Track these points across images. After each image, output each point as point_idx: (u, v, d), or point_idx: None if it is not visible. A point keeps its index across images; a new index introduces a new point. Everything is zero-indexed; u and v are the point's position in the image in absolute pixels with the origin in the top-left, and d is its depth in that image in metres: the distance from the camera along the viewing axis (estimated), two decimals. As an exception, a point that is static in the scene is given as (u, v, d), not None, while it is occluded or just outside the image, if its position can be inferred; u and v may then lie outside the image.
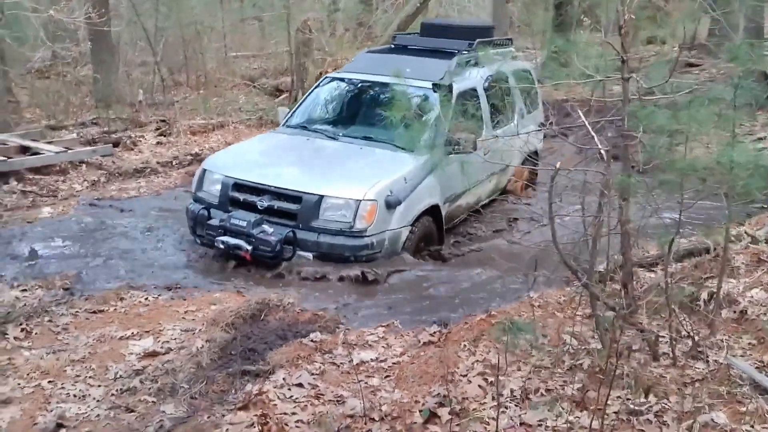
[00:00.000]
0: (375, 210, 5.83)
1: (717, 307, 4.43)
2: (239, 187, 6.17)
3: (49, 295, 5.27)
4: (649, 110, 3.89)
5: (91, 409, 3.94)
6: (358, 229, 5.82)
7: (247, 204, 6.09)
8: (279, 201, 6.01)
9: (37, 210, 7.45)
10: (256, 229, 5.80)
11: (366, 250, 5.85)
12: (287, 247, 5.85)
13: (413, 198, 6.14)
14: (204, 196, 6.39)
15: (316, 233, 5.85)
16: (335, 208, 5.88)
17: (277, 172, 6.23)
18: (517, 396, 4.08)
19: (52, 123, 11.25)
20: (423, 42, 7.80)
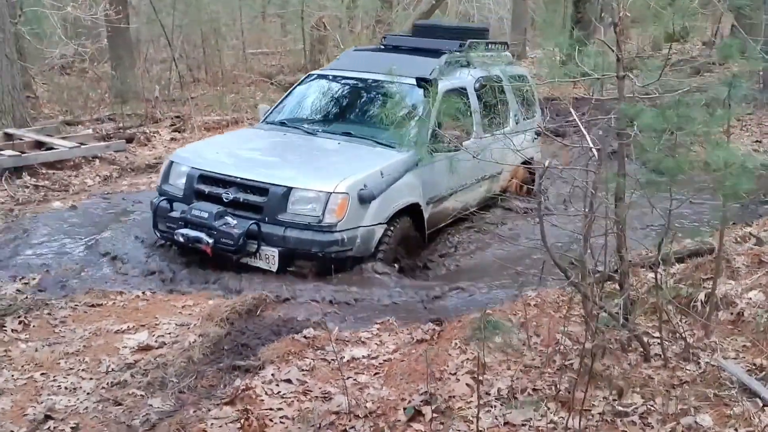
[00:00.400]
0: (346, 204, 5.56)
1: (711, 309, 4.36)
2: (204, 179, 5.93)
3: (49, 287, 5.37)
4: (638, 108, 3.84)
5: (80, 401, 3.99)
6: (328, 224, 5.54)
7: (212, 196, 5.84)
8: (245, 193, 5.75)
9: (47, 204, 7.57)
10: (218, 222, 5.53)
11: (335, 246, 5.57)
12: (251, 241, 5.57)
13: (390, 193, 5.87)
14: (169, 189, 6.17)
15: (283, 227, 5.58)
16: (304, 201, 5.62)
17: (245, 164, 6.06)
18: (504, 395, 4.06)
19: (68, 118, 11.41)
20: (414, 42, 7.67)
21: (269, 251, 5.60)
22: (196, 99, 13.34)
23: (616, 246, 4.47)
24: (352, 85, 7.21)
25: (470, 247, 6.83)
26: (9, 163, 8.25)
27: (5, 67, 9.41)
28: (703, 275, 5.05)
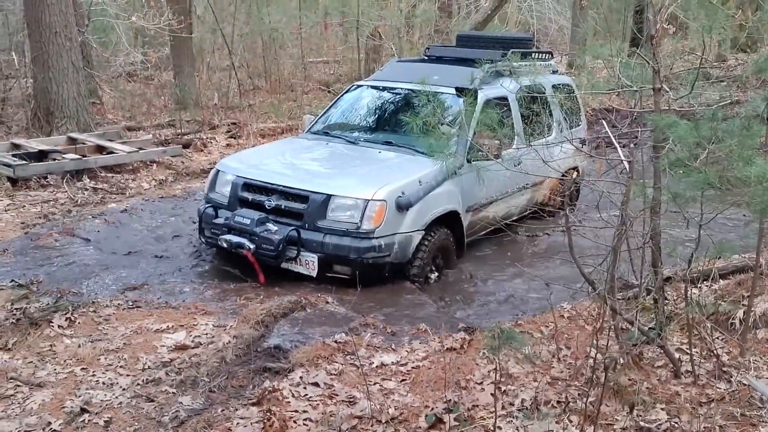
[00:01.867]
0: (384, 211, 5.65)
1: (747, 327, 4.24)
2: (248, 186, 6.11)
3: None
4: (671, 120, 3.78)
5: (116, 396, 4.17)
6: (365, 231, 5.64)
7: (255, 203, 6.01)
8: (286, 200, 5.89)
9: (104, 206, 7.90)
10: (259, 228, 5.70)
11: (373, 252, 5.66)
12: (291, 247, 5.71)
13: (428, 201, 5.94)
14: (215, 197, 6.38)
15: (322, 233, 5.70)
16: (343, 208, 5.73)
17: (287, 172, 6.21)
18: (527, 406, 4.04)
19: (131, 124, 11.86)
20: (457, 52, 7.72)
21: (309, 257, 5.73)
22: (254, 106, 13.66)
23: (651, 260, 4.41)
24: (394, 95, 7.30)
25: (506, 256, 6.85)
26: (71, 166, 8.64)
27: (71, 75, 9.87)
28: (745, 292, 4.90)
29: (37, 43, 9.79)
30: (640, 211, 4.20)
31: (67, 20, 9.83)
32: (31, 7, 9.71)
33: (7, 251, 6.46)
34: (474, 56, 6.74)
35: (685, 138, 3.76)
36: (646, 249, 4.30)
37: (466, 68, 6.74)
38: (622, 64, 4.88)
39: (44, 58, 9.74)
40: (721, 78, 10.89)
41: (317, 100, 14.94)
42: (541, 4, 17.62)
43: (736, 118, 4.05)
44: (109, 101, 13.39)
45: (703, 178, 3.45)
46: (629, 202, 4.07)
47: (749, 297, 4.34)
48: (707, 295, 5.17)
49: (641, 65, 4.46)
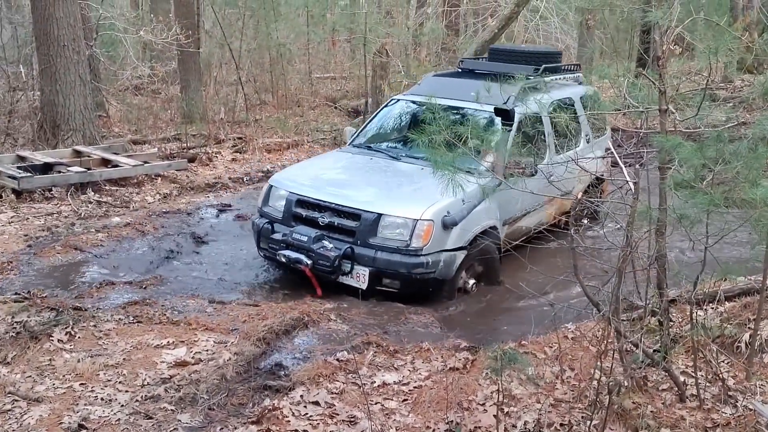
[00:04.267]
0: (431, 230, 5.92)
1: (753, 350, 4.19)
2: (302, 203, 6.38)
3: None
4: (676, 141, 3.75)
5: (114, 413, 4.13)
6: (414, 248, 5.92)
7: (309, 220, 6.29)
8: (339, 218, 6.17)
9: (107, 219, 7.89)
10: (316, 245, 5.99)
11: (421, 268, 5.93)
12: (346, 262, 5.99)
13: (470, 219, 6.18)
14: (269, 211, 6.63)
15: (374, 250, 5.97)
16: (393, 226, 6.01)
17: (339, 190, 6.43)
18: (530, 429, 3.99)
19: (137, 137, 11.88)
20: (489, 66, 7.80)
21: (361, 270, 6.01)
22: (261, 121, 13.68)
23: (657, 281, 4.36)
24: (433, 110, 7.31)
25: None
26: (75, 178, 8.64)
27: (78, 87, 9.91)
28: (751, 315, 4.84)
29: (45, 56, 9.84)
30: (645, 232, 4.16)
31: (75, 34, 9.88)
32: (40, 21, 9.77)
33: (11, 264, 6.44)
34: (507, 70, 6.84)
35: (690, 159, 3.73)
36: (651, 270, 4.27)
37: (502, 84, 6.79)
38: (629, 85, 4.86)
39: (52, 70, 9.78)
40: (727, 99, 10.87)
41: (324, 116, 14.97)
42: (547, 24, 17.65)
43: (743, 140, 4.02)
44: (116, 114, 13.42)
45: (708, 200, 3.42)
46: (634, 223, 4.03)
47: (755, 320, 4.28)
48: (713, 317, 5.12)
49: (648, 86, 4.44)
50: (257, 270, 6.98)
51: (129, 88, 15.28)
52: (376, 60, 13.25)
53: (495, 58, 8.25)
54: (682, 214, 3.62)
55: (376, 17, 15.99)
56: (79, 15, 10.18)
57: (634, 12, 11.49)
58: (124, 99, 14.26)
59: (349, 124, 13.80)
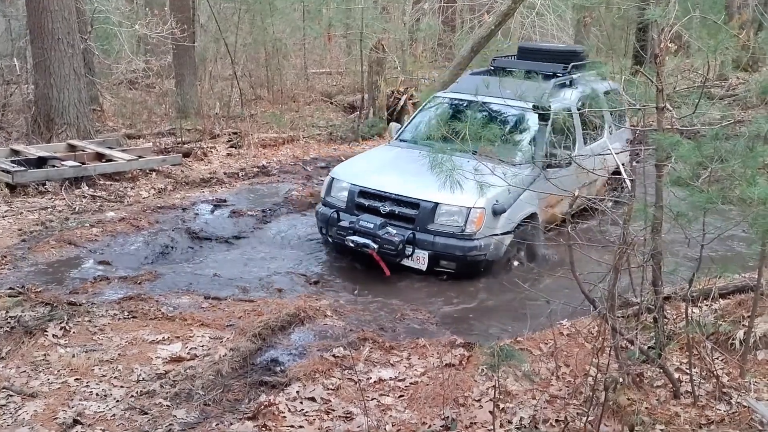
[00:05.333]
0: (483, 216, 6.48)
1: (747, 348, 4.20)
2: (364, 194, 6.95)
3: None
4: (674, 139, 3.75)
5: (109, 408, 4.12)
6: (469, 233, 6.50)
7: (371, 209, 6.84)
8: (399, 207, 6.73)
9: (102, 214, 7.86)
10: (381, 231, 6.52)
11: (475, 251, 6.50)
12: (408, 246, 6.51)
13: (516, 207, 6.70)
14: (332, 201, 7.18)
15: (432, 235, 6.54)
16: (449, 213, 6.58)
17: (397, 181, 6.93)
18: (526, 425, 4.00)
19: (131, 132, 11.82)
20: (520, 65, 8.00)
21: (421, 254, 6.57)
22: (256, 116, 13.62)
23: (652, 279, 4.37)
24: (473, 107, 7.48)
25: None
26: (70, 173, 8.60)
27: (72, 81, 9.85)
28: (745, 312, 4.86)
29: (39, 49, 9.77)
30: (642, 230, 4.17)
31: (69, 27, 9.82)
32: (34, 14, 9.70)
33: (5, 258, 6.41)
34: (537, 68, 7.32)
35: (688, 157, 3.73)
36: (647, 267, 4.28)
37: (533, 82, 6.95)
38: (626, 83, 4.87)
39: (46, 64, 9.72)
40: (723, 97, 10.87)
41: (319, 112, 14.93)
42: (544, 20, 17.63)
43: (739, 138, 4.03)
44: (110, 108, 13.34)
45: (705, 198, 3.42)
46: (631, 221, 4.04)
47: (750, 317, 4.30)
48: (707, 314, 5.13)
49: (645, 84, 4.45)
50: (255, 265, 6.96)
51: (123, 82, 15.19)
52: (373, 56, 13.21)
53: (524, 57, 8.62)
54: (678, 212, 3.62)
55: (372, 13, 15.94)
56: (73, 8, 10.11)
57: (631, 10, 11.48)
58: (118, 93, 14.19)
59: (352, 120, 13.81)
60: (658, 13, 4.36)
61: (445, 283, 6.57)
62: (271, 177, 10.27)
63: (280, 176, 10.31)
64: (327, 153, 11.92)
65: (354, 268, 6.93)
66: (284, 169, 10.69)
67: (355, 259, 6.93)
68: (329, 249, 7.41)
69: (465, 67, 13.40)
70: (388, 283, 6.56)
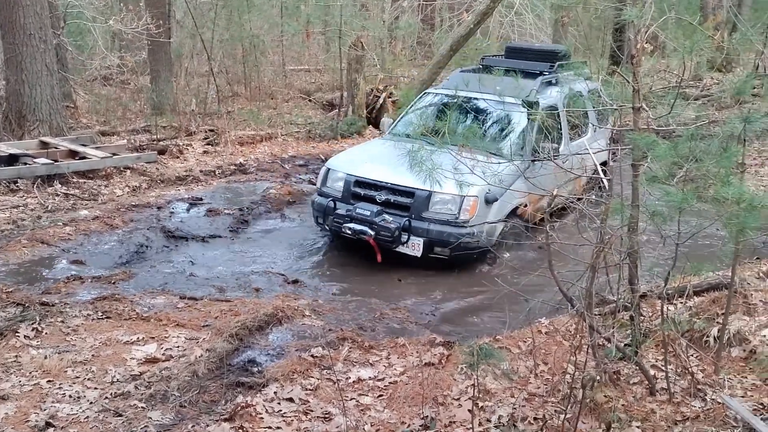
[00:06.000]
0: (476, 205, 6.72)
1: (721, 345, 4.24)
2: (360, 183, 7.13)
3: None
4: (651, 139, 3.77)
5: (83, 410, 4.05)
6: (462, 220, 6.72)
7: (367, 197, 7.02)
8: (395, 195, 6.93)
9: (75, 213, 7.73)
10: (378, 218, 6.72)
11: (468, 237, 6.70)
12: (404, 233, 6.71)
13: (506, 197, 6.88)
14: (328, 191, 7.35)
15: (427, 222, 6.74)
16: (443, 202, 6.77)
17: (392, 171, 6.99)
18: (505, 423, 4.00)
19: (105, 129, 11.66)
20: (508, 63, 8.28)
21: (416, 241, 6.76)
22: (233, 113, 13.51)
23: (629, 277, 4.39)
24: (464, 103, 7.82)
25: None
26: (42, 170, 8.46)
27: (45, 77, 9.69)
28: (719, 310, 4.90)
29: (10, 44, 9.59)
30: (618, 229, 4.18)
31: (42, 22, 9.66)
32: (6, 8, 9.52)
33: (-26, 257, 6.29)
34: (525, 67, 7.60)
35: (664, 157, 3.75)
36: (624, 265, 4.30)
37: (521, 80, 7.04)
38: (603, 83, 4.89)
39: (18, 60, 9.55)
40: (698, 97, 11.00)
41: (298, 109, 14.86)
42: (522, 20, 17.71)
43: (714, 139, 4.06)
44: (84, 105, 13.16)
45: (681, 198, 3.44)
46: (608, 220, 4.05)
47: (724, 315, 4.33)
48: (682, 311, 5.17)
49: (621, 84, 4.47)
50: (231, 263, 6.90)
51: (97, 79, 15.00)
52: (352, 53, 13.16)
53: (511, 56, 8.90)
54: (654, 211, 3.64)
55: (351, 10, 15.89)
56: (46, 3, 9.93)
57: (608, 10, 11.55)
58: (92, 89, 14.01)
59: (327, 118, 13.75)
60: (635, 14, 4.37)
61: (424, 281, 6.57)
62: (248, 175, 10.19)
63: (257, 174, 10.24)
64: (305, 151, 11.86)
65: (333, 267, 6.90)
66: (262, 167, 10.61)
67: (335, 257, 6.86)
68: (308, 248, 7.37)
69: (444, 66, 13.43)
70: (368, 282, 6.54)
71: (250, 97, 15.19)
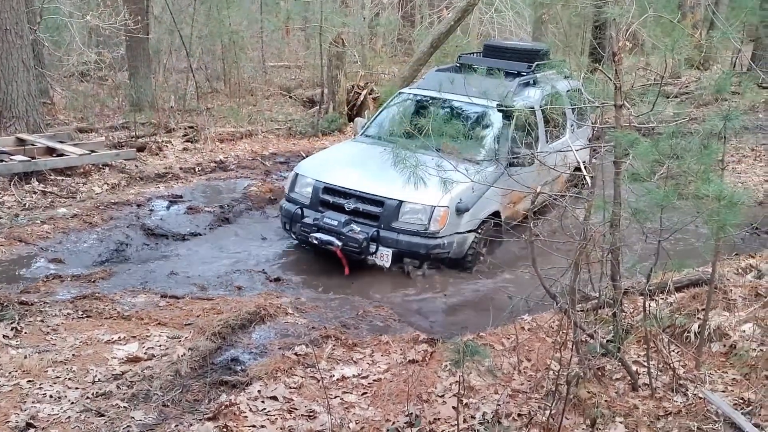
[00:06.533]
0: (447, 215, 6.52)
1: (702, 340, 4.29)
2: (329, 190, 6.91)
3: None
4: (632, 137, 3.80)
5: (64, 410, 4.00)
6: (432, 231, 6.52)
7: (335, 205, 6.81)
8: (364, 204, 6.71)
9: (53, 210, 7.63)
10: (345, 228, 6.51)
11: (438, 248, 6.54)
12: (372, 244, 6.51)
13: (479, 205, 6.76)
14: (296, 197, 7.12)
15: (396, 233, 6.55)
16: (413, 212, 6.59)
17: (362, 178, 6.91)
18: (489, 420, 4.01)
19: (83, 125, 11.51)
20: (485, 62, 8.05)
21: (384, 251, 6.57)
22: (212, 110, 13.41)
23: (611, 273, 4.42)
24: (439, 104, 7.66)
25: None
26: (19, 168, 8.32)
27: (21, 73, 9.53)
28: (699, 305, 4.96)
29: (-15, 40, 9.44)
30: (600, 225, 4.21)
31: (18, 17, 9.49)
32: (-19, 4, 9.36)
33: (-49, 256, 6.19)
34: (502, 66, 7.21)
35: (645, 155, 3.79)
36: (606, 262, 4.33)
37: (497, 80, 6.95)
38: (585, 80, 4.91)
39: (-7, 56, 9.40)
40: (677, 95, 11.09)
41: (278, 105, 14.78)
42: (502, 17, 17.76)
43: (694, 136, 4.10)
44: (61, 101, 12.98)
45: (662, 195, 3.47)
46: (591, 217, 4.08)
47: (705, 310, 4.38)
48: (663, 307, 5.23)
49: (603, 81, 4.49)
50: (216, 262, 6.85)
51: (75, 75, 14.78)
52: (332, 50, 13.11)
53: (489, 54, 8.69)
54: (636, 209, 3.67)
55: (331, 6, 15.82)
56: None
57: (587, 8, 11.62)
58: (69, 86, 13.82)
59: (308, 115, 13.69)
60: (617, 12, 4.41)
61: (407, 279, 6.57)
62: (228, 172, 10.12)
63: (238, 171, 10.17)
64: (286, 148, 11.80)
65: (315, 265, 6.88)
66: (242, 164, 10.55)
67: (317, 256, 6.86)
68: (290, 245, 7.34)
69: (425, 63, 13.44)
70: (351, 279, 6.53)
71: (230, 93, 15.08)
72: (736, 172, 9.85)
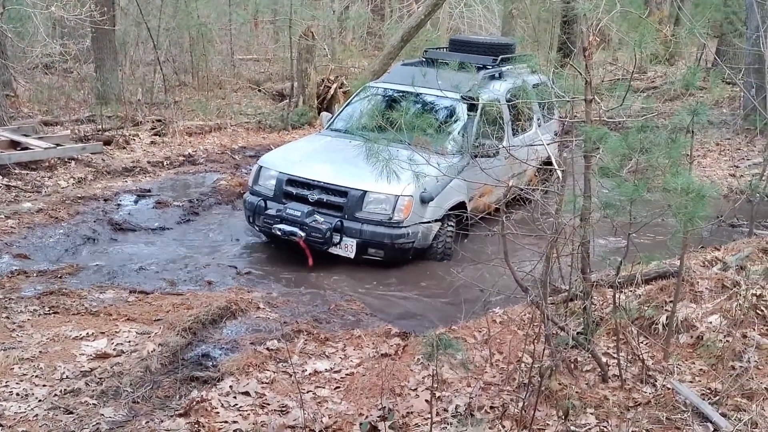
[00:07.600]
0: (411, 204, 6.56)
1: (670, 332, 4.37)
2: (292, 182, 6.91)
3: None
4: (603, 132, 3.84)
5: (31, 408, 3.93)
6: (396, 221, 6.57)
7: (299, 197, 6.81)
8: (328, 195, 6.73)
9: (17, 205, 7.48)
10: (308, 219, 6.52)
11: (402, 238, 6.58)
12: (336, 234, 6.51)
13: (444, 195, 6.80)
14: (260, 190, 7.10)
15: (360, 223, 6.56)
16: (377, 202, 6.62)
17: (326, 169, 6.92)
18: (461, 412, 4.03)
19: (48, 118, 11.30)
20: (451, 56, 8.01)
21: (349, 242, 6.58)
22: (180, 103, 13.26)
23: (581, 266, 4.47)
24: (404, 97, 7.54)
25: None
26: (-19, 162, 8.17)
27: (-17, 66, 9.34)
28: (667, 297, 5.03)
29: (-54, 30, 9.22)
30: (570, 219, 4.25)
31: (-21, 8, 9.30)
32: (-60, -7, 9.13)
33: None
34: (468, 60, 7.09)
35: (615, 149, 3.83)
36: (576, 255, 4.37)
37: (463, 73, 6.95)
38: (555, 75, 4.96)
39: (-46, 46, 9.18)
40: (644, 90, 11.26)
41: (247, 99, 14.66)
42: (472, 12, 17.84)
43: (662, 130, 4.16)
44: (25, 94, 12.73)
45: (632, 189, 3.52)
46: (561, 210, 4.12)
47: (672, 302, 4.46)
48: (631, 299, 5.30)
49: (573, 76, 4.53)
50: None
51: (39, 67, 14.49)
52: (302, 43, 13.03)
53: (455, 49, 8.76)
54: (606, 203, 3.72)
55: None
56: (-17, -13, 9.56)
57: (556, 3, 11.73)
58: (33, 78, 13.55)
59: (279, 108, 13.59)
60: (588, 7, 4.44)
61: (379, 272, 6.57)
62: (197, 166, 10.03)
63: (207, 165, 10.08)
64: (256, 142, 11.72)
65: (285, 258, 6.85)
66: (211, 158, 10.46)
67: (288, 250, 6.81)
68: (260, 239, 7.29)
69: (395, 57, 13.42)
70: (321, 273, 6.51)
71: (198, 86, 14.91)
72: (702, 166, 10.03)
